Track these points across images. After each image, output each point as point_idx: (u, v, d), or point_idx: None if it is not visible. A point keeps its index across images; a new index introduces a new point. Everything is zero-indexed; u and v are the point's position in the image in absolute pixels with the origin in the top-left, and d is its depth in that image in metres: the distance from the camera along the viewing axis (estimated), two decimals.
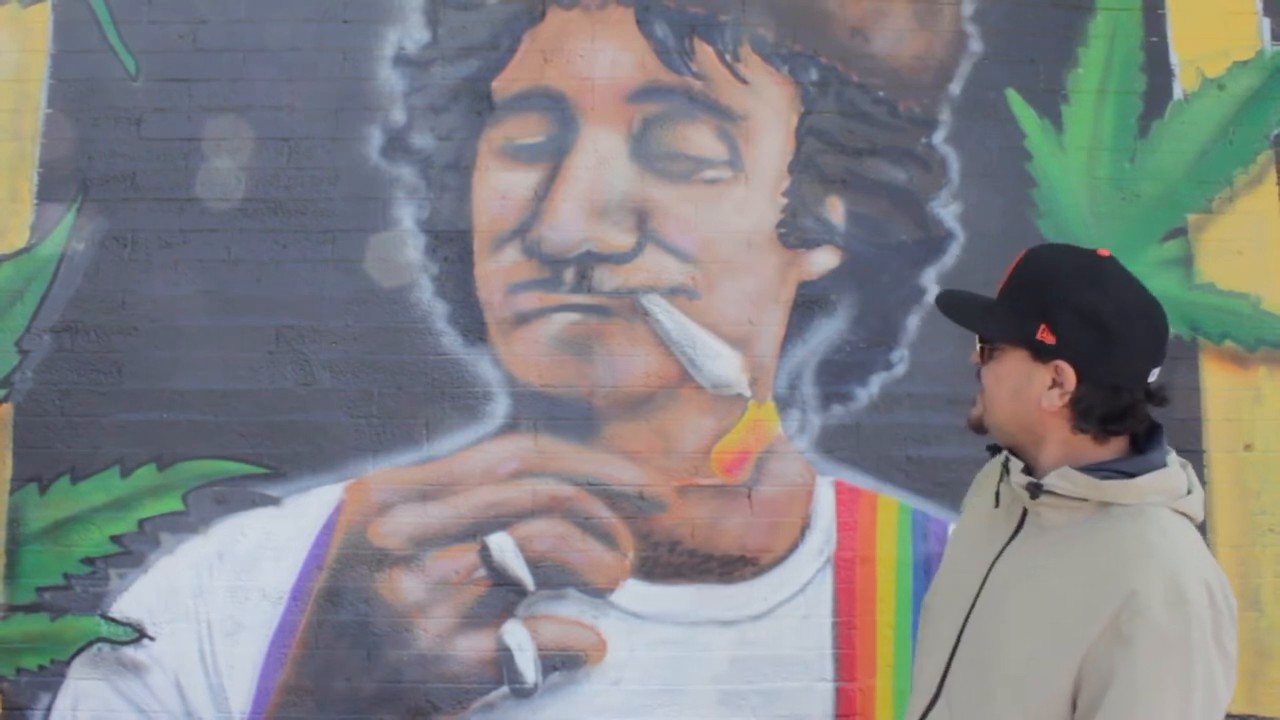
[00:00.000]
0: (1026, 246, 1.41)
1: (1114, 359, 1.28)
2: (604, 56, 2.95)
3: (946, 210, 2.95)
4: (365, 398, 2.86)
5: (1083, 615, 1.20)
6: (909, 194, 2.95)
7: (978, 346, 1.39)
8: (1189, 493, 1.31)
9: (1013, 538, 1.35)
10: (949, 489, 2.84)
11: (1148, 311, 1.32)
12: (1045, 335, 1.29)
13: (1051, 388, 1.29)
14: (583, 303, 2.88)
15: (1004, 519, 1.38)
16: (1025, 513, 1.35)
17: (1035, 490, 1.30)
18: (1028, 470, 1.33)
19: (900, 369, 2.90)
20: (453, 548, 2.81)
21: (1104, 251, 1.36)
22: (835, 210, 2.94)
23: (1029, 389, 1.31)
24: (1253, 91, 3.00)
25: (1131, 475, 1.28)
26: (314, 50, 2.96)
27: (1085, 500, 1.28)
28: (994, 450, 1.44)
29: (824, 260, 2.93)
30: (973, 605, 1.34)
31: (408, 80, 2.95)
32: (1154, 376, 1.32)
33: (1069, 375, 1.28)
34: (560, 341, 2.87)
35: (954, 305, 1.40)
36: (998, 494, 1.42)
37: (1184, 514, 1.29)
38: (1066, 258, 1.36)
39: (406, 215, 2.91)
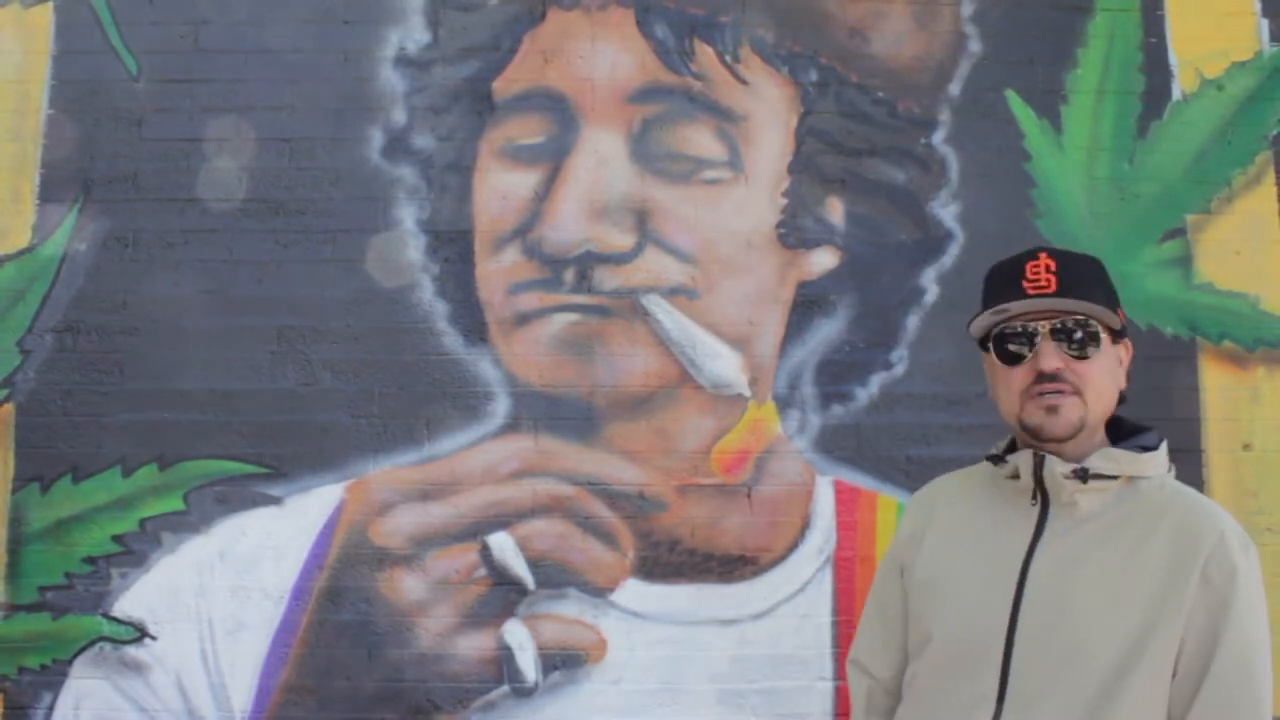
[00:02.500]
0: (1026, 247, 1.44)
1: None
2: (604, 57, 2.96)
3: (946, 210, 2.96)
4: (366, 397, 2.87)
5: (1173, 576, 1.27)
6: (908, 194, 2.96)
7: (1073, 347, 1.34)
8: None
9: (1038, 537, 1.35)
10: None
11: None
12: (1121, 315, 1.39)
13: (1119, 366, 1.40)
14: (583, 303, 2.89)
15: (1018, 521, 1.37)
16: (1045, 509, 1.35)
17: (1084, 475, 1.33)
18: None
19: (900, 369, 2.91)
20: (453, 547, 2.82)
21: None
22: (835, 210, 2.95)
23: (1117, 372, 1.39)
24: (1251, 92, 3.01)
25: (1150, 448, 1.37)
26: (315, 51, 2.96)
27: (1116, 479, 1.33)
28: (995, 460, 1.43)
29: (823, 260, 2.93)
30: (1015, 610, 1.32)
31: (409, 81, 2.96)
32: None
33: (1130, 350, 1.41)
34: (561, 341, 2.88)
35: (1067, 305, 1.35)
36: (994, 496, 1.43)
37: None
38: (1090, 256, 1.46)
39: (407, 215, 2.92)
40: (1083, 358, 1.34)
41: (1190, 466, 2.87)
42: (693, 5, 2.98)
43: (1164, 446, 1.38)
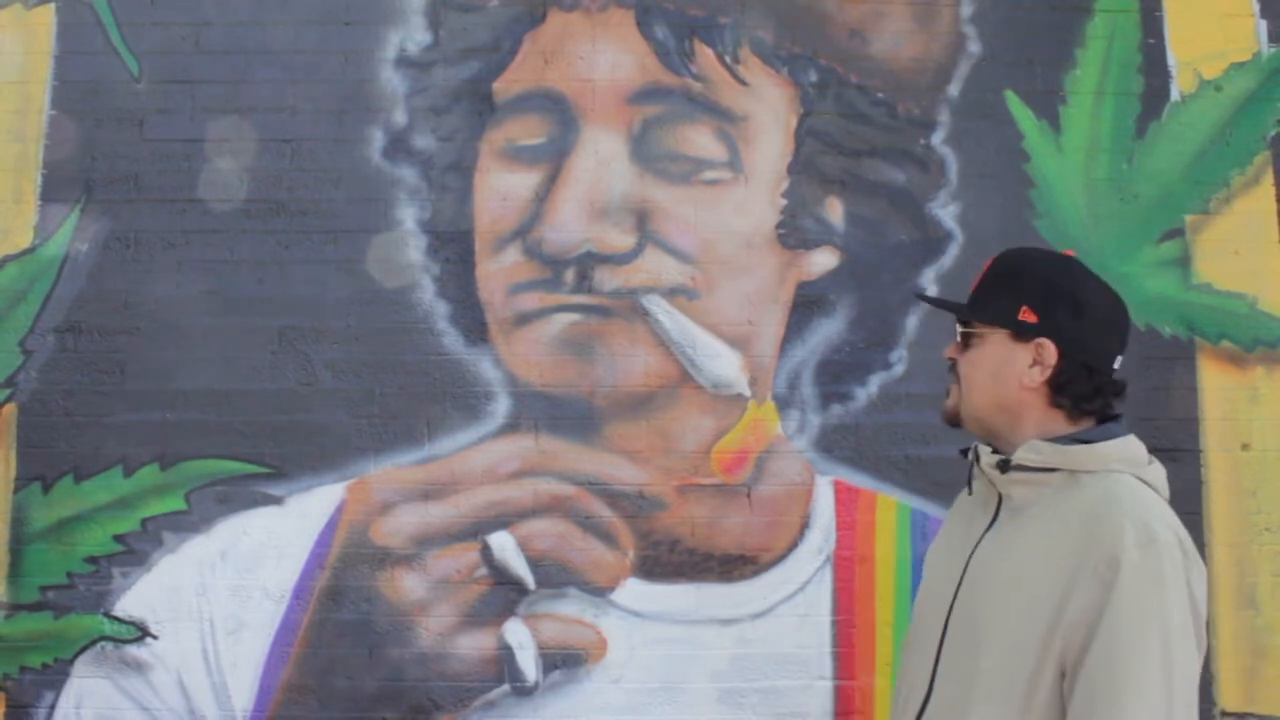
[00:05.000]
0: (1025, 246, 1.48)
1: (1089, 338, 1.38)
2: (604, 58, 2.96)
3: (945, 211, 2.96)
4: (367, 397, 2.87)
5: (1062, 573, 1.26)
6: (908, 195, 2.97)
7: (957, 339, 1.48)
8: (1150, 463, 1.38)
9: (989, 527, 1.39)
10: (947, 488, 2.85)
11: (1115, 299, 1.42)
12: (1027, 315, 1.39)
13: (1032, 365, 1.38)
14: (583, 303, 2.89)
15: (980, 512, 1.43)
16: (1000, 501, 1.39)
17: (1004, 465, 1.36)
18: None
19: (899, 369, 2.92)
20: (454, 547, 2.82)
21: (1069, 252, 1.50)
22: (834, 211, 2.96)
23: (1009, 369, 1.40)
24: (1249, 93, 3.01)
25: (1092, 442, 1.35)
26: (316, 52, 2.97)
27: (1053, 472, 1.33)
28: (967, 453, 1.49)
29: (823, 261, 2.94)
30: (954, 597, 1.37)
31: (409, 82, 2.97)
32: (1118, 364, 1.40)
33: (1050, 351, 1.37)
34: (561, 342, 2.88)
35: (939, 300, 1.60)
36: (970, 485, 1.47)
37: (1148, 484, 1.35)
38: (1039, 252, 1.51)
39: (408, 216, 2.93)
40: (966, 350, 1.46)
41: (1189, 466, 2.88)
42: (692, 6, 2.98)
43: (1118, 442, 1.36)
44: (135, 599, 2.80)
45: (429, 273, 2.91)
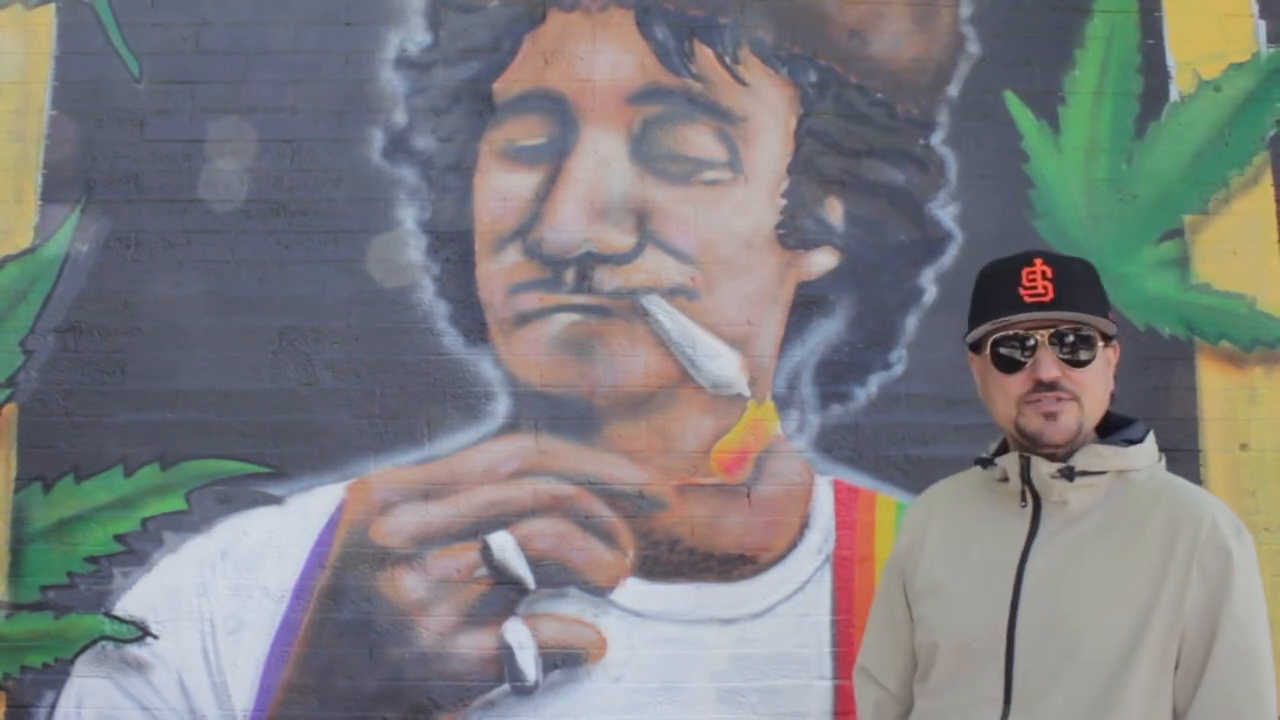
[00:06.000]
0: (1024, 247, 1.45)
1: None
2: (604, 58, 2.97)
3: (945, 211, 2.97)
4: (367, 397, 2.88)
5: (1160, 571, 1.28)
6: (907, 195, 2.97)
7: (1071, 355, 1.34)
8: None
9: (1033, 536, 1.35)
10: None
11: None
12: (1113, 318, 1.39)
13: (1109, 368, 1.39)
14: (583, 303, 2.90)
15: (1011, 520, 1.38)
16: (1038, 511, 1.36)
17: (1070, 474, 1.33)
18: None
19: (899, 369, 2.92)
20: (454, 546, 2.83)
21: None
22: (834, 211, 2.96)
23: (1109, 375, 1.40)
24: (1248, 93, 3.01)
25: (1137, 441, 1.37)
26: (316, 52, 2.97)
27: (1102, 475, 1.34)
28: (984, 463, 1.44)
29: (823, 261, 2.94)
30: (1014, 610, 1.33)
31: (409, 82, 2.97)
32: None
33: (1118, 351, 1.40)
34: (561, 342, 2.89)
35: (1066, 316, 1.36)
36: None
37: None
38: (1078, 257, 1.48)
39: (408, 216, 2.93)
40: (1079, 365, 1.35)
41: (1188, 466, 2.88)
42: (692, 6, 2.99)
43: (1150, 438, 1.39)
44: (136, 599, 2.81)
45: (429, 273, 2.91)
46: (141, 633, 2.79)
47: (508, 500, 2.84)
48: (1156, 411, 2.89)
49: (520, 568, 2.81)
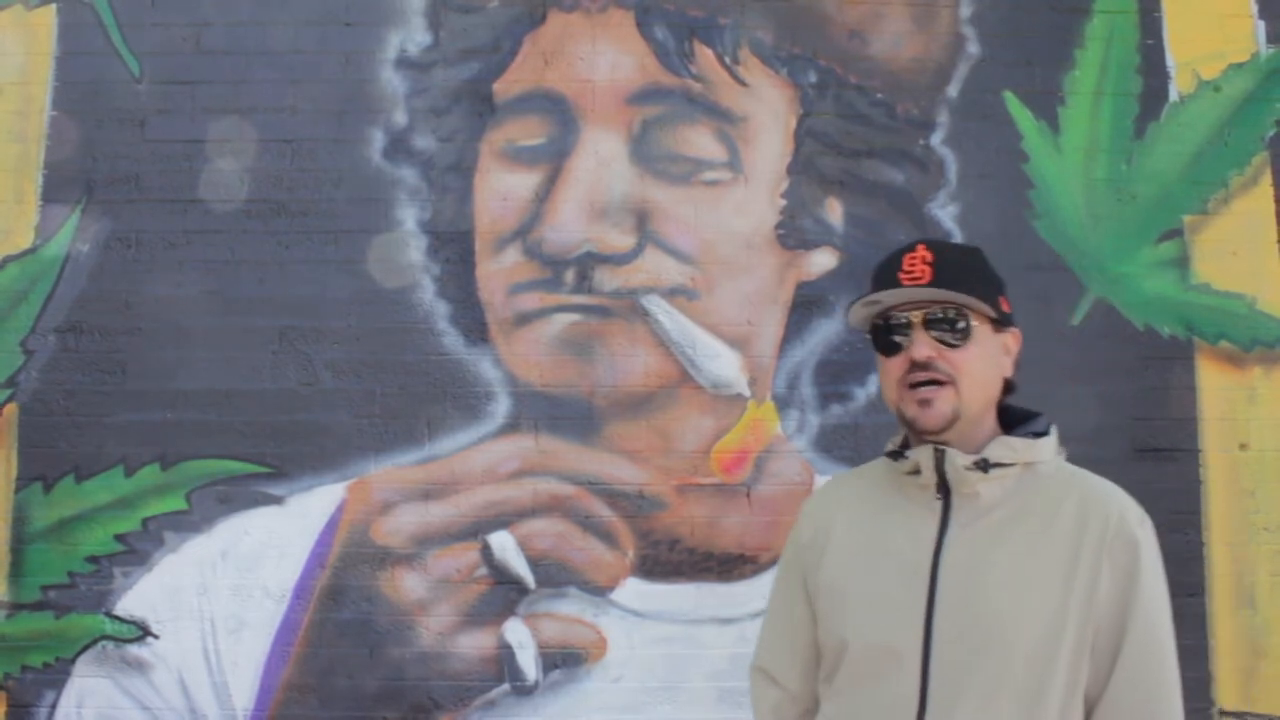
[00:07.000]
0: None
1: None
2: (604, 59, 2.97)
3: (944, 211, 2.97)
4: (367, 397, 2.88)
5: (1072, 561, 1.29)
6: (907, 195, 2.97)
7: (946, 335, 1.35)
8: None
9: (945, 529, 1.35)
10: None
11: None
12: (1004, 304, 1.39)
13: (1005, 355, 1.40)
14: (583, 303, 2.90)
15: (922, 513, 1.37)
16: (948, 502, 1.35)
17: (985, 465, 1.34)
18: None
19: None
20: (454, 546, 2.83)
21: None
22: (834, 211, 2.96)
23: (999, 361, 1.39)
24: (1248, 94, 3.02)
25: (1043, 434, 1.39)
26: (317, 53, 2.98)
27: (1010, 467, 1.35)
28: (894, 455, 1.43)
29: (822, 261, 2.95)
30: (930, 604, 1.31)
31: (410, 82, 2.97)
32: None
33: (1019, 341, 1.40)
34: (561, 342, 2.89)
35: (922, 290, 1.36)
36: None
37: None
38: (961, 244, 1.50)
39: (408, 216, 2.93)
40: (955, 346, 1.34)
41: (1187, 466, 2.88)
42: (692, 7, 2.99)
43: (1054, 431, 1.40)
44: (136, 598, 2.81)
45: (429, 273, 2.92)
46: (142, 632, 2.80)
47: (508, 500, 2.84)
48: (1156, 411, 2.89)
49: (520, 568, 2.81)
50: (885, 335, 1.40)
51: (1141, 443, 2.88)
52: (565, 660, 2.80)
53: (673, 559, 2.84)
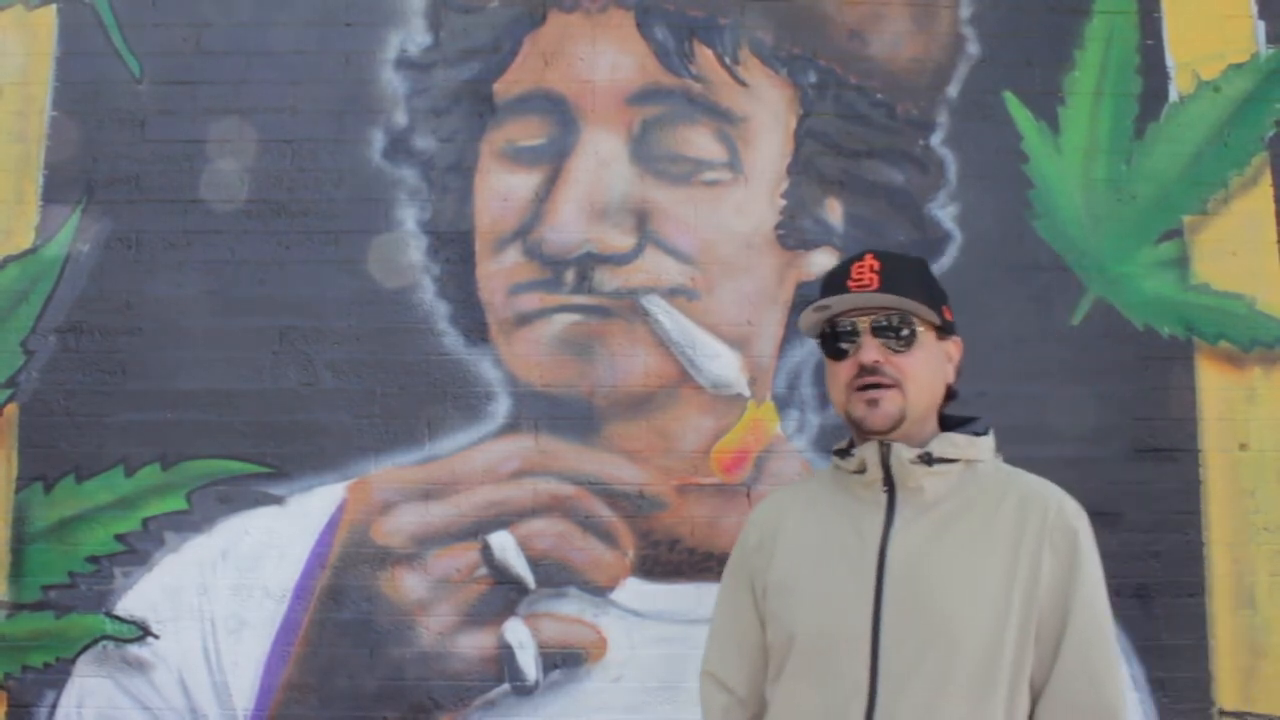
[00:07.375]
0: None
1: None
2: (604, 59, 2.97)
3: (944, 212, 2.97)
4: (368, 397, 2.88)
5: (1013, 553, 1.33)
6: (907, 195, 2.97)
7: (892, 341, 1.40)
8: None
9: (890, 524, 1.38)
10: None
11: None
12: (947, 314, 1.46)
13: (947, 362, 1.46)
14: (583, 303, 2.90)
15: (869, 510, 1.40)
16: (893, 498, 1.39)
17: (929, 459, 1.38)
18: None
19: None
20: (454, 546, 2.83)
21: None
22: (834, 212, 2.97)
23: (942, 367, 1.45)
24: (1247, 94, 3.02)
25: (983, 434, 1.45)
26: (317, 53, 2.98)
27: (953, 463, 1.39)
28: (841, 453, 1.47)
29: (822, 261, 2.95)
30: (878, 598, 1.34)
31: (410, 83, 2.97)
32: None
33: (960, 349, 1.47)
34: (561, 342, 2.89)
35: (886, 301, 1.41)
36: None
37: None
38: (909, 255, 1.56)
39: (409, 217, 2.93)
40: (901, 351, 1.40)
41: (1187, 466, 2.88)
42: (692, 7, 2.99)
43: (991, 432, 1.46)
44: (137, 598, 2.81)
45: (429, 273, 2.92)
46: (142, 632, 2.80)
47: (508, 500, 2.84)
48: (1155, 411, 2.89)
49: (520, 567, 2.82)
50: (834, 341, 1.45)
51: (1141, 443, 2.88)
52: (565, 660, 2.81)
53: (673, 559, 2.85)
